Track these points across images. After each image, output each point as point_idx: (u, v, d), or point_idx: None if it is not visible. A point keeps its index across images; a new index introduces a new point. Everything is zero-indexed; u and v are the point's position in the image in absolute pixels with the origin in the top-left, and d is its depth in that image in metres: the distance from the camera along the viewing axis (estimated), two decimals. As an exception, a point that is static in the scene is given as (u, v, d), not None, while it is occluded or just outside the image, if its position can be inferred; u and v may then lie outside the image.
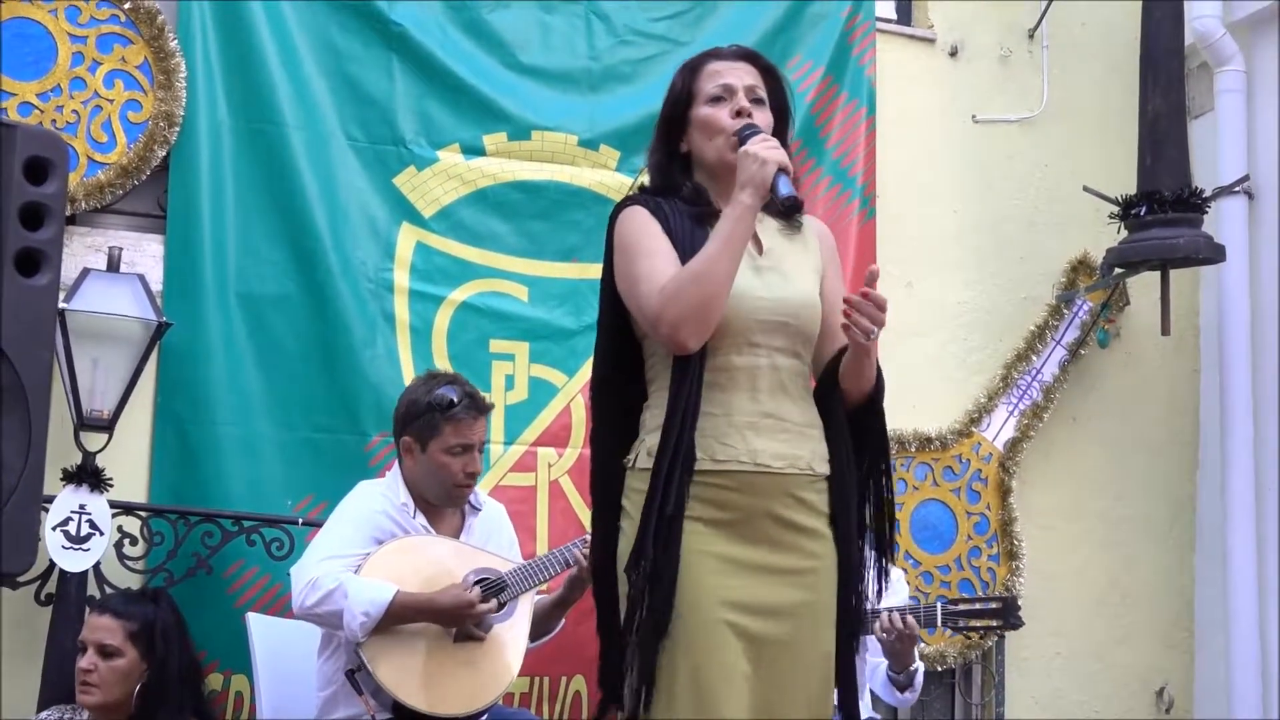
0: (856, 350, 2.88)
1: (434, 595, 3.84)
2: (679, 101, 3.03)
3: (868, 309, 2.81)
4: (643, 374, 2.99)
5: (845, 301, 2.82)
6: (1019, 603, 4.29)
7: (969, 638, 4.37)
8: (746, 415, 2.87)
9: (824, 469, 2.93)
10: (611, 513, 2.93)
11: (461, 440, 4.06)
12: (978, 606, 4.30)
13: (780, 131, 3.02)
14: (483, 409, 4.13)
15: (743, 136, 2.89)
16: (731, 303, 2.84)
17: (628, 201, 3.02)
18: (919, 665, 4.31)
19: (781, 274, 2.96)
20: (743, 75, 3.01)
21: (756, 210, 2.83)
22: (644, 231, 2.92)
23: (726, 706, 2.76)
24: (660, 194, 3.01)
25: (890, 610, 4.15)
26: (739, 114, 2.96)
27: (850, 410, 2.98)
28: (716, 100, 2.98)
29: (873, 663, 4.37)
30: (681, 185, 3.00)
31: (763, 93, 3.01)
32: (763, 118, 2.98)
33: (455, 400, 4.07)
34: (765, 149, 2.82)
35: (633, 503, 2.88)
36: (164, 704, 3.78)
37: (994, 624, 4.29)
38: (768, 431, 2.87)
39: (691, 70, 3.04)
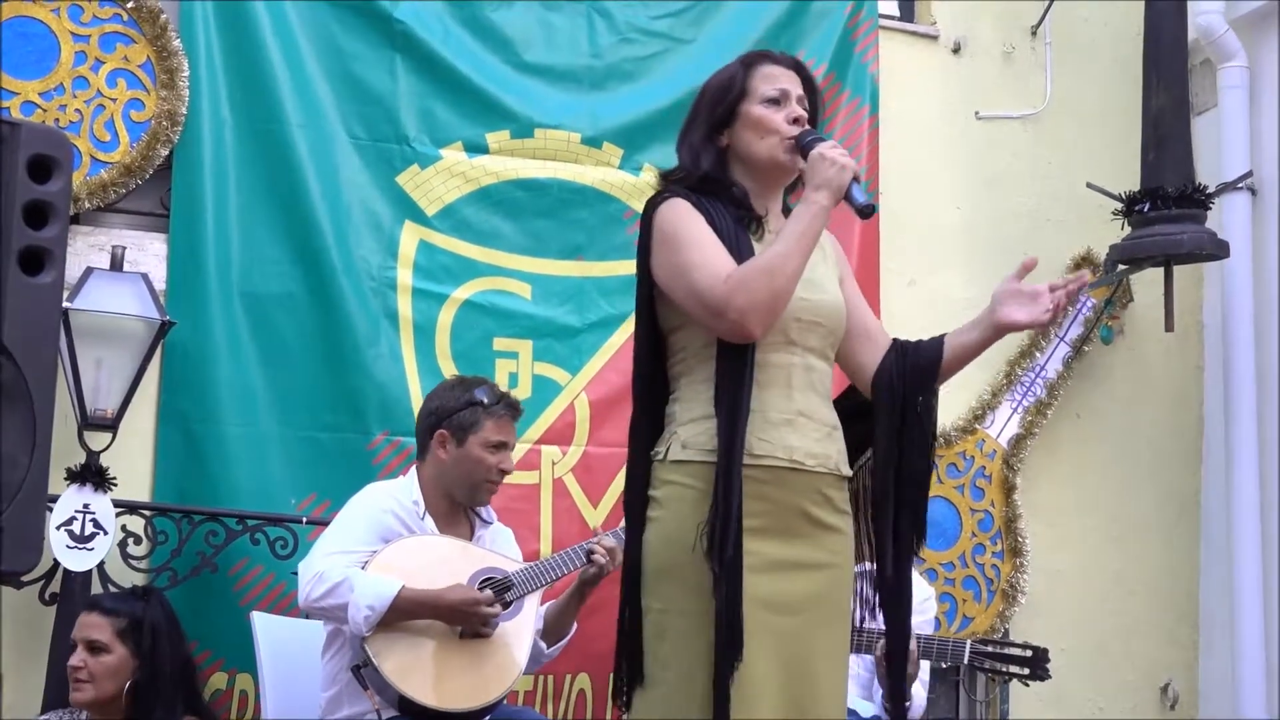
0: (1010, 330, 3.07)
1: (440, 592, 3.84)
2: (730, 95, 3.03)
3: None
4: (667, 369, 3.01)
5: (1066, 287, 3.06)
6: (1049, 655, 4.26)
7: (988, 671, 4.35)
8: (782, 412, 2.90)
9: (847, 470, 2.99)
10: (643, 504, 2.94)
11: (500, 437, 4.09)
12: (1008, 651, 4.27)
13: None
14: (517, 411, 4.18)
15: (805, 142, 2.94)
16: None
17: (666, 194, 3.01)
18: (913, 702, 4.20)
19: (813, 277, 2.98)
20: (795, 84, 3.04)
21: (829, 212, 2.87)
22: (690, 221, 2.93)
23: (757, 707, 2.77)
24: (692, 188, 3.01)
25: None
26: (795, 121, 2.99)
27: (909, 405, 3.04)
28: (772, 102, 3.00)
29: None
30: (730, 185, 3.01)
31: (806, 104, 3.05)
32: None
33: (497, 398, 4.11)
34: (841, 155, 2.88)
35: (666, 493, 2.90)
36: (157, 701, 3.77)
37: (1022, 671, 4.24)
38: (802, 429, 2.91)
39: (746, 67, 3.06)
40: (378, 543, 3.93)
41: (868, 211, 2.88)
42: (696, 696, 2.79)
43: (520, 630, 3.99)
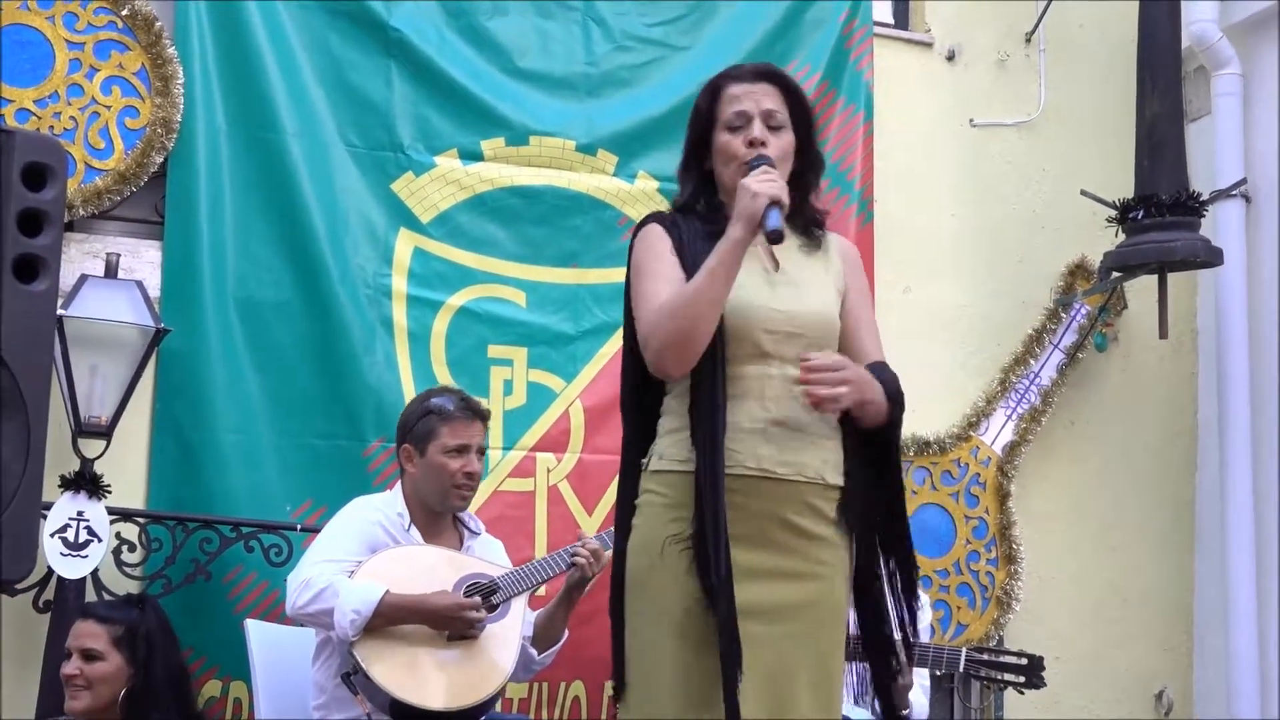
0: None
1: (426, 597, 3.87)
2: (702, 124, 3.06)
3: (822, 379, 2.82)
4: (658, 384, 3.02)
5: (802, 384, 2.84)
6: (1044, 663, 4.26)
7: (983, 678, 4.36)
8: (755, 422, 2.88)
9: (837, 479, 2.94)
10: (629, 511, 2.98)
11: (458, 441, 4.09)
12: (1003, 660, 4.27)
13: (806, 148, 3.05)
14: (477, 413, 4.17)
15: (751, 168, 2.92)
16: (744, 314, 2.89)
17: (648, 219, 3.06)
18: (910, 710, 4.21)
19: (796, 288, 2.98)
20: (760, 99, 3.01)
21: (746, 243, 2.84)
22: (653, 251, 2.97)
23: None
24: (684, 210, 3.06)
25: None
26: (752, 144, 2.97)
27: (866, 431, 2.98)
28: (734, 128, 3.00)
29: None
30: (698, 202, 3.04)
31: (782, 116, 3.02)
32: (780, 142, 3.00)
33: (450, 404, 4.12)
34: (759, 182, 2.84)
35: (643, 501, 2.95)
36: (152, 710, 3.78)
37: (1017, 680, 4.24)
38: (776, 439, 2.89)
39: (712, 93, 3.06)
40: (365, 553, 3.95)
41: (774, 237, 2.83)
42: (662, 698, 2.84)
43: (507, 631, 4.01)
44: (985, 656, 4.28)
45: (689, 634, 2.82)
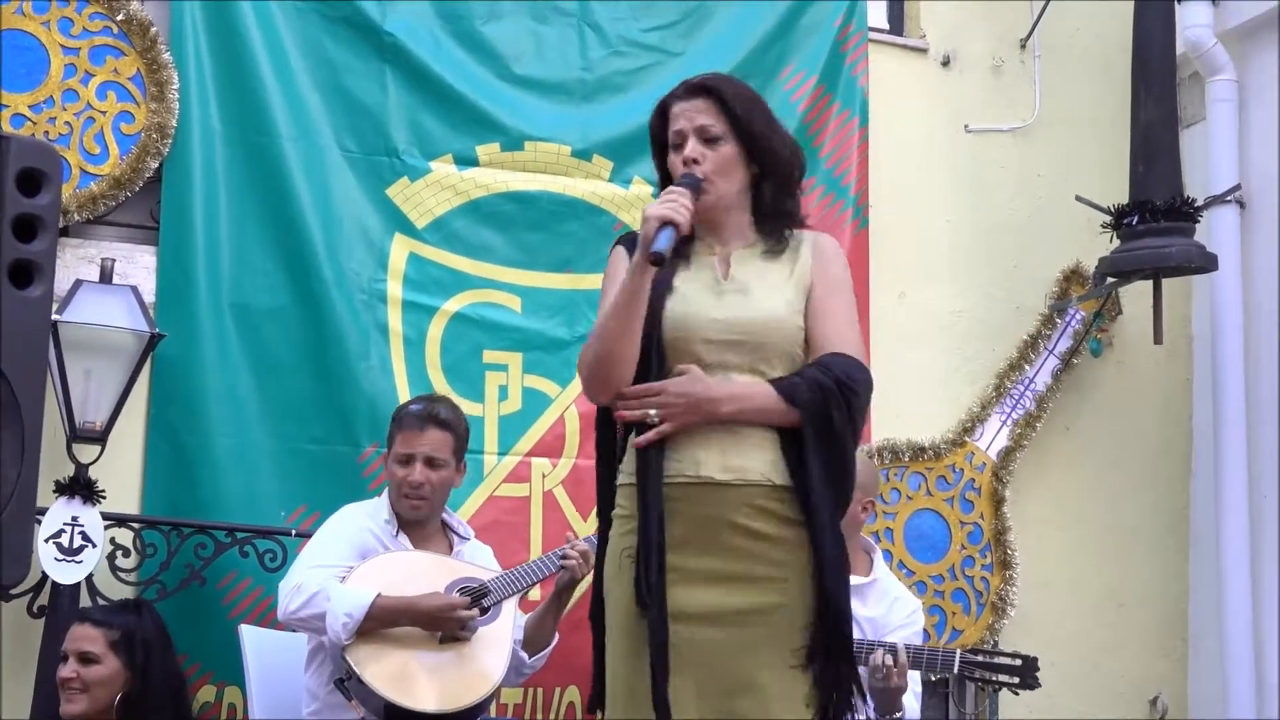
0: None
1: (416, 599, 3.90)
2: (657, 145, 3.09)
3: (627, 404, 2.88)
4: None
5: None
6: (1038, 663, 4.26)
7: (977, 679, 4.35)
8: (692, 430, 2.88)
9: (780, 479, 2.90)
10: (606, 524, 3.02)
11: (406, 449, 4.13)
12: (997, 660, 4.27)
13: (759, 153, 3.02)
14: (430, 419, 4.15)
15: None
16: (684, 325, 2.92)
17: (618, 241, 3.10)
18: (903, 714, 4.21)
19: (746, 294, 2.97)
20: (693, 115, 3.00)
21: (645, 268, 2.83)
22: (613, 273, 3.02)
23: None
24: None
25: (880, 646, 4.12)
26: (685, 163, 2.98)
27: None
28: (675, 147, 3.02)
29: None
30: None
31: (718, 128, 2.99)
32: (717, 155, 2.98)
33: (411, 411, 4.16)
34: (654, 205, 2.85)
35: (614, 514, 2.98)
36: (149, 714, 3.78)
37: (1012, 680, 4.23)
38: (715, 445, 2.89)
39: (660, 114, 3.08)
40: (356, 558, 3.99)
41: (654, 259, 2.80)
42: (618, 706, 2.88)
43: (499, 633, 4.03)
44: (980, 658, 4.28)
45: (641, 642, 2.84)
